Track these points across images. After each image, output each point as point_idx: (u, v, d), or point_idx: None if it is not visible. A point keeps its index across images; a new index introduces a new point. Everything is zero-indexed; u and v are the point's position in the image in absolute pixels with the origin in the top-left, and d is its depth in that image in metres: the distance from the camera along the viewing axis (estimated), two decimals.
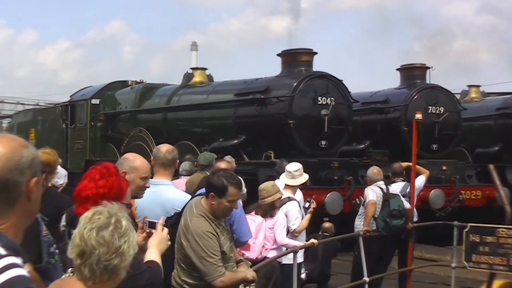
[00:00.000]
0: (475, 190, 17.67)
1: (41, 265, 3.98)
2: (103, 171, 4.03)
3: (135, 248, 2.72)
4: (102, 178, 3.98)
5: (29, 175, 2.38)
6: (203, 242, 5.41)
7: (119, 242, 2.63)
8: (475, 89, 23.57)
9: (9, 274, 2.14)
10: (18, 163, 2.35)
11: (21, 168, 2.36)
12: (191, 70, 21.29)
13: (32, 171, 2.40)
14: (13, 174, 2.34)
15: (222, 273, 5.42)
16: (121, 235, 2.65)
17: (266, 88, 16.68)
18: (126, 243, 2.65)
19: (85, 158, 22.39)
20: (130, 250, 2.66)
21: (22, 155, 2.37)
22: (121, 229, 2.66)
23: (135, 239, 2.74)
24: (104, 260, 2.62)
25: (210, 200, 5.54)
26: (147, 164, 5.11)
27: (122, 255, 2.63)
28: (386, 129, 18.96)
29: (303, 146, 16.05)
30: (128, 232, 2.68)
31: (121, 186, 4.02)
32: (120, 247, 2.63)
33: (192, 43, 75.56)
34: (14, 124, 30.65)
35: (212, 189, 5.54)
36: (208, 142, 17.54)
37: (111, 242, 2.63)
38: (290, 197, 9.32)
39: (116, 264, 2.62)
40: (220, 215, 5.67)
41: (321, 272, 11.26)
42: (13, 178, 2.33)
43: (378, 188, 10.91)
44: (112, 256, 2.61)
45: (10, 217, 2.36)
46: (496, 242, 7.60)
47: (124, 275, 2.67)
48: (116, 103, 22.89)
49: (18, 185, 2.35)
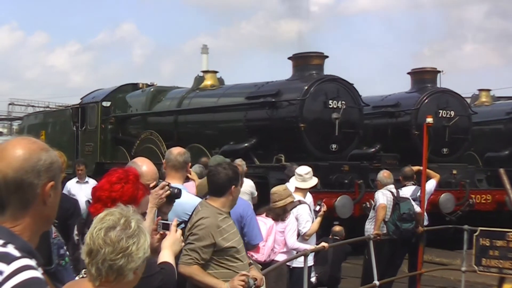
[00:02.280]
0: (485, 194, 17.60)
1: (51, 267, 4.01)
2: (121, 176, 3.98)
3: (147, 251, 2.69)
4: (118, 183, 3.93)
5: (46, 179, 2.40)
6: (202, 233, 5.42)
7: (126, 243, 2.62)
8: (486, 93, 23.50)
9: (24, 275, 2.17)
10: (35, 165, 2.38)
11: (38, 170, 2.38)
12: (202, 73, 21.27)
13: (50, 175, 2.42)
14: (29, 175, 2.36)
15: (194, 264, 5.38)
16: (129, 236, 2.63)
17: (277, 92, 16.68)
18: (135, 244, 2.63)
19: (95, 160, 22.38)
20: (140, 253, 2.65)
21: (40, 158, 2.40)
22: (129, 230, 2.65)
23: (147, 243, 2.73)
24: (109, 260, 2.61)
25: (231, 194, 5.61)
26: (155, 171, 5.01)
27: (129, 256, 2.62)
28: (397, 133, 18.97)
29: (313, 150, 16.04)
30: (138, 234, 2.67)
31: (134, 194, 3.95)
32: (128, 248, 2.62)
33: (203, 46, 75.95)
34: (25, 126, 30.63)
35: (234, 181, 5.63)
36: (219, 145, 17.54)
37: (117, 242, 2.62)
38: (301, 201, 9.32)
39: (121, 264, 2.61)
40: (235, 202, 5.75)
41: (331, 275, 11.26)
42: (29, 179, 2.36)
43: (389, 191, 10.91)
44: (117, 256, 2.60)
45: (24, 219, 2.37)
46: (506, 246, 7.62)
47: (131, 277, 2.66)
48: (127, 105, 22.95)
49: (33, 187, 2.37)
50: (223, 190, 5.61)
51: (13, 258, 2.21)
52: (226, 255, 5.51)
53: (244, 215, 6.61)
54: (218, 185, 5.63)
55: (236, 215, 5.91)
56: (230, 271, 5.50)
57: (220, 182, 5.61)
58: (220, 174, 5.64)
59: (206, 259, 5.43)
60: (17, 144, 2.42)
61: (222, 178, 5.61)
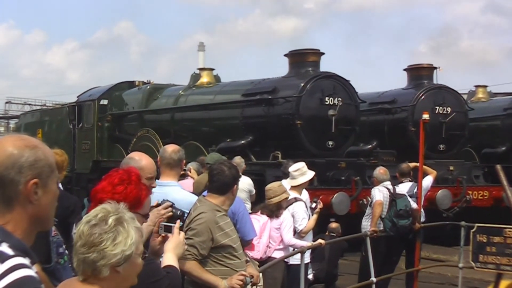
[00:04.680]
0: (482, 191, 17.64)
1: (50, 266, 4.00)
2: (124, 177, 3.88)
3: (127, 250, 2.66)
4: (121, 184, 3.83)
5: (29, 176, 2.36)
6: (200, 228, 5.43)
7: (99, 238, 2.62)
8: (482, 89, 23.53)
9: (17, 274, 2.15)
10: (16, 161, 2.34)
11: (19, 167, 2.34)
12: (198, 70, 21.28)
13: (34, 173, 2.38)
14: (10, 171, 2.33)
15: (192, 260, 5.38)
16: (104, 232, 2.63)
17: (273, 89, 16.68)
18: (110, 240, 2.63)
19: (92, 158, 22.40)
20: (116, 249, 2.63)
21: (23, 155, 2.36)
22: (105, 226, 2.65)
23: (130, 241, 2.67)
24: (80, 253, 2.64)
25: (232, 192, 5.67)
26: (153, 163, 5.05)
27: (102, 252, 2.62)
28: (393, 130, 18.98)
29: (310, 147, 16.04)
30: (116, 231, 2.66)
31: (138, 195, 3.87)
32: (101, 243, 2.62)
33: (199, 44, 75.90)
34: (21, 124, 30.63)
35: (237, 180, 5.72)
36: (215, 142, 17.53)
37: (88, 235, 2.63)
38: (297, 198, 9.31)
39: (93, 259, 2.61)
40: (233, 202, 5.81)
41: (328, 272, 11.28)
42: (10, 175, 2.33)
43: (385, 188, 10.90)
44: (89, 250, 2.62)
45: (12, 217, 2.34)
46: (503, 242, 7.60)
47: (106, 273, 2.64)
48: (124, 103, 22.90)
49: (14, 183, 2.33)
50: (227, 188, 5.66)
51: (6, 256, 2.19)
52: (224, 252, 5.52)
53: (236, 211, 6.62)
54: (224, 183, 5.66)
55: (228, 211, 5.91)
56: (227, 269, 5.51)
57: (226, 181, 5.65)
58: (225, 172, 5.68)
59: (204, 255, 5.44)
60: (4, 141, 2.40)
61: (228, 177, 5.66)
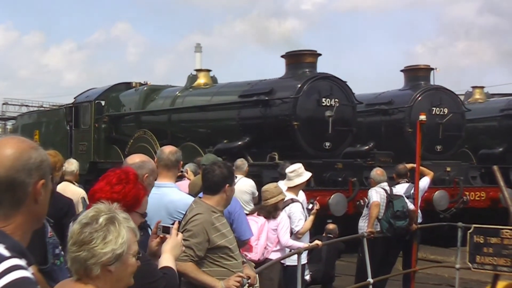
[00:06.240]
0: (479, 191, 17.64)
1: (46, 267, 4.00)
2: (122, 176, 3.90)
3: (118, 248, 2.67)
4: (119, 184, 3.85)
5: (37, 177, 2.40)
6: (196, 229, 5.42)
7: (90, 237, 2.64)
8: (479, 90, 23.55)
9: (13, 275, 2.15)
10: (26, 163, 2.37)
11: (29, 169, 2.37)
12: (195, 71, 21.25)
13: (40, 173, 2.41)
14: (21, 174, 2.35)
15: (188, 261, 5.37)
16: (95, 231, 2.65)
17: (270, 90, 16.67)
18: (100, 239, 2.64)
19: (89, 159, 22.39)
20: (106, 248, 2.64)
21: (31, 156, 2.39)
22: (95, 225, 2.66)
23: (121, 240, 2.68)
24: (71, 252, 2.66)
25: (225, 192, 5.64)
26: (151, 160, 5.19)
27: (91, 251, 2.63)
28: (390, 131, 18.99)
29: (307, 148, 16.03)
30: (107, 230, 2.67)
31: (137, 195, 3.90)
32: (91, 242, 2.63)
33: (196, 45, 75.93)
34: (18, 126, 30.60)
35: (228, 180, 5.68)
36: (212, 143, 17.53)
37: (79, 234, 2.66)
38: (293, 199, 9.30)
39: (83, 257, 2.63)
40: (229, 202, 5.81)
41: (325, 273, 11.27)
42: (20, 178, 2.35)
43: (382, 189, 10.90)
44: (79, 249, 2.64)
45: (16, 219, 2.37)
46: (500, 243, 7.60)
47: (97, 271, 2.65)
48: (121, 104, 22.92)
49: (25, 185, 2.36)
50: (217, 188, 5.63)
51: (2, 258, 2.19)
52: (221, 253, 5.52)
53: (232, 211, 6.64)
54: (213, 183, 5.65)
55: (225, 211, 5.91)
56: (224, 269, 5.51)
57: (215, 180, 5.64)
58: (215, 172, 5.67)
59: (201, 256, 5.44)
60: (7, 143, 2.41)
61: (217, 176, 5.64)
